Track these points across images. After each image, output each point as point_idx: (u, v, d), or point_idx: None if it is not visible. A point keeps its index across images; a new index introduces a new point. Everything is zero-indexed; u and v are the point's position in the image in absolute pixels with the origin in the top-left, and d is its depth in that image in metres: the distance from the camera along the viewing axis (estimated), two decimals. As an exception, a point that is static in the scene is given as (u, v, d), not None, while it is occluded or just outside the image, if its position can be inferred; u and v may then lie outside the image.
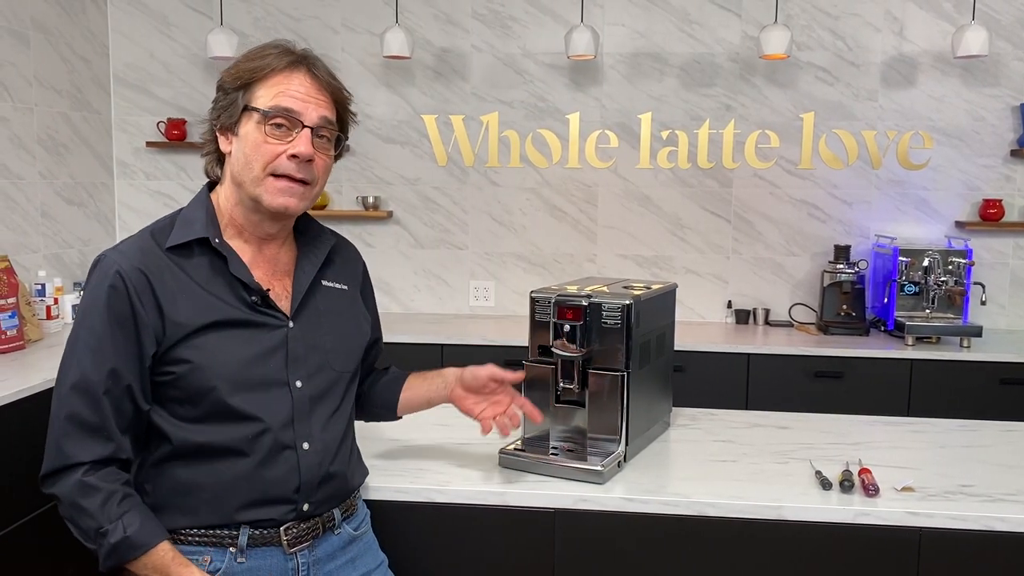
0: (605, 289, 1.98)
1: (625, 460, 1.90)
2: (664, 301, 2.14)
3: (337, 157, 1.54)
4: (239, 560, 1.42)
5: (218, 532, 1.42)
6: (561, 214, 4.14)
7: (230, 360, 1.40)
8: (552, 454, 1.89)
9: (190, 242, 1.43)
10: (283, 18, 4.11)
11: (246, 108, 1.42)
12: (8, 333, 3.09)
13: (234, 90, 1.43)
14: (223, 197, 1.48)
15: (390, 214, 4.17)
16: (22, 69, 3.58)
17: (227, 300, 1.42)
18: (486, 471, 1.86)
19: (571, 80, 4.06)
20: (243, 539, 1.42)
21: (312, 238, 1.58)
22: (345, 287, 1.61)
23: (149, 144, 4.20)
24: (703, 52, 3.98)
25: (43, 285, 3.53)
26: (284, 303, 1.48)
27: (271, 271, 1.50)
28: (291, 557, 1.45)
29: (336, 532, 1.54)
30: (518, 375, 1.76)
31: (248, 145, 1.42)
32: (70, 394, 1.38)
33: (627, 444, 1.89)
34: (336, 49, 4.07)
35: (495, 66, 4.09)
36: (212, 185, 1.53)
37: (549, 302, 1.91)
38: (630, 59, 4.02)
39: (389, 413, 1.80)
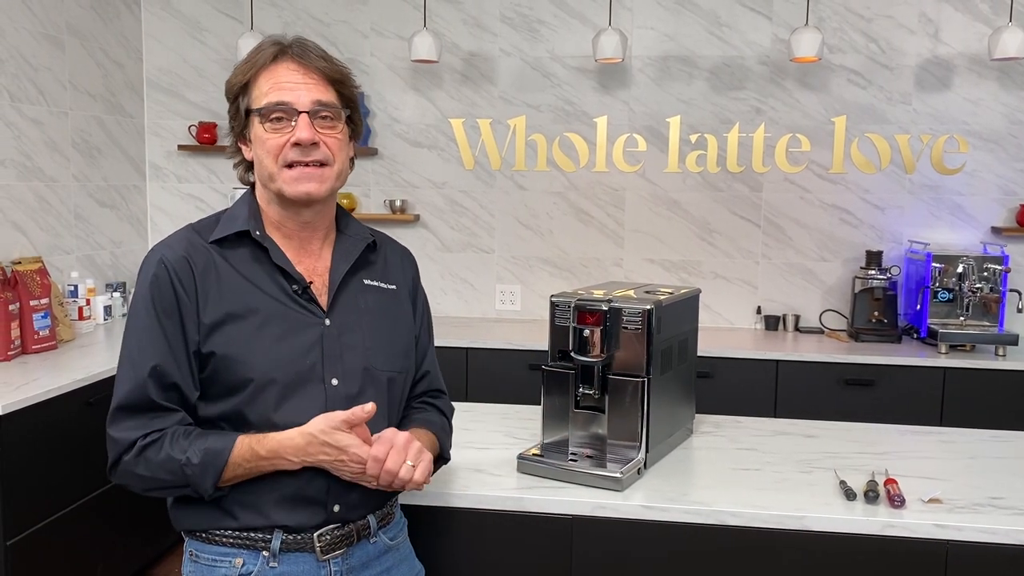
0: (631, 294, 1.97)
1: (645, 467, 1.88)
2: (687, 306, 2.11)
3: (356, 134, 1.52)
4: (271, 564, 1.41)
5: (252, 535, 1.42)
6: (588, 218, 4.12)
7: (265, 354, 1.40)
8: (571, 460, 1.87)
9: (233, 235, 1.45)
10: (312, 22, 4.14)
11: (248, 112, 1.45)
12: (41, 333, 3.14)
13: (236, 97, 1.46)
14: (259, 198, 1.50)
15: (417, 217, 4.18)
16: (57, 73, 3.64)
17: (267, 290, 1.44)
18: (504, 476, 1.85)
19: (599, 83, 4.04)
20: (276, 543, 1.41)
21: (350, 235, 1.56)
22: (392, 287, 1.59)
23: (181, 147, 4.25)
24: (733, 55, 3.94)
25: (76, 286, 3.59)
26: (323, 299, 1.48)
27: (313, 267, 1.50)
28: (324, 564, 1.44)
29: (372, 540, 1.51)
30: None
31: (258, 146, 1.44)
32: (118, 389, 1.40)
33: (647, 451, 1.87)
34: (365, 53, 4.09)
35: (523, 70, 4.08)
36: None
37: (569, 306, 1.89)
38: (659, 62, 4.00)
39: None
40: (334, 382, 1.44)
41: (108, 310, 3.79)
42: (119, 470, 1.39)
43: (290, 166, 1.42)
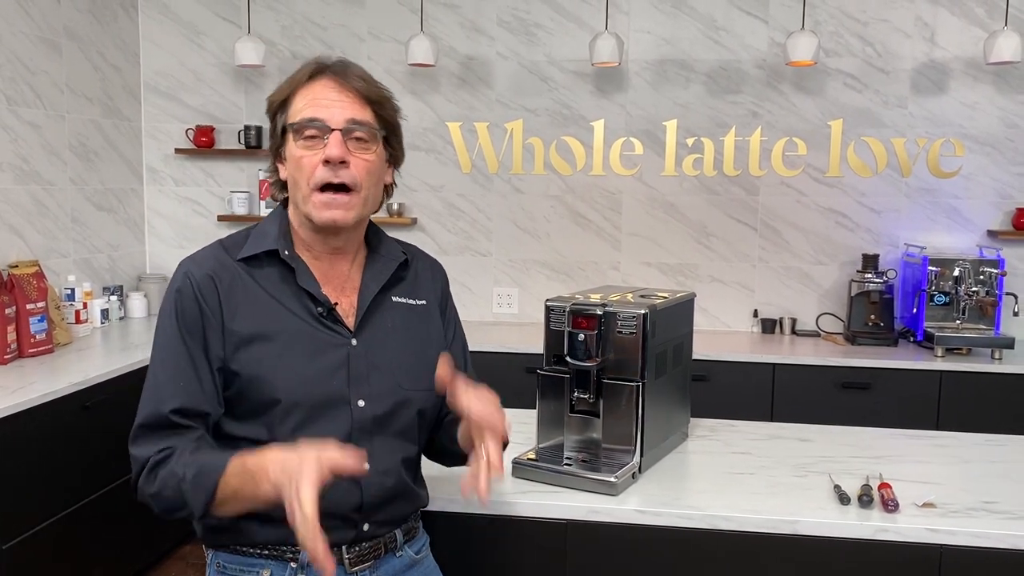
0: (626, 298, 1.97)
1: (640, 471, 1.88)
2: (682, 310, 2.11)
3: (393, 159, 1.50)
4: None
5: (280, 547, 1.41)
6: (585, 221, 4.12)
7: (291, 375, 1.39)
8: (566, 464, 1.87)
9: (261, 254, 1.44)
10: (310, 26, 4.15)
11: (284, 129, 1.43)
12: (37, 337, 3.14)
13: (275, 115, 1.45)
14: (292, 217, 1.49)
15: (414, 221, 4.19)
16: (54, 77, 3.65)
17: (294, 310, 1.42)
18: (498, 480, 1.85)
19: (596, 87, 4.05)
20: (304, 556, 1.40)
21: (382, 255, 1.54)
22: (422, 302, 1.57)
23: (178, 151, 4.25)
24: (729, 59, 3.95)
25: (73, 290, 3.59)
26: (350, 320, 1.46)
27: (340, 287, 1.48)
28: None
29: (398, 555, 1.51)
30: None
31: (292, 164, 1.42)
32: (140, 407, 1.38)
33: (642, 455, 1.87)
34: (362, 57, 4.09)
35: (520, 73, 4.09)
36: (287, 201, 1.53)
37: (564, 310, 1.89)
38: (655, 66, 4.00)
39: (451, 448, 1.57)
40: (360, 403, 1.43)
41: (105, 313, 3.80)
42: (138, 490, 1.37)
43: (321, 189, 1.39)
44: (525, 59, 4.07)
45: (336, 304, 1.46)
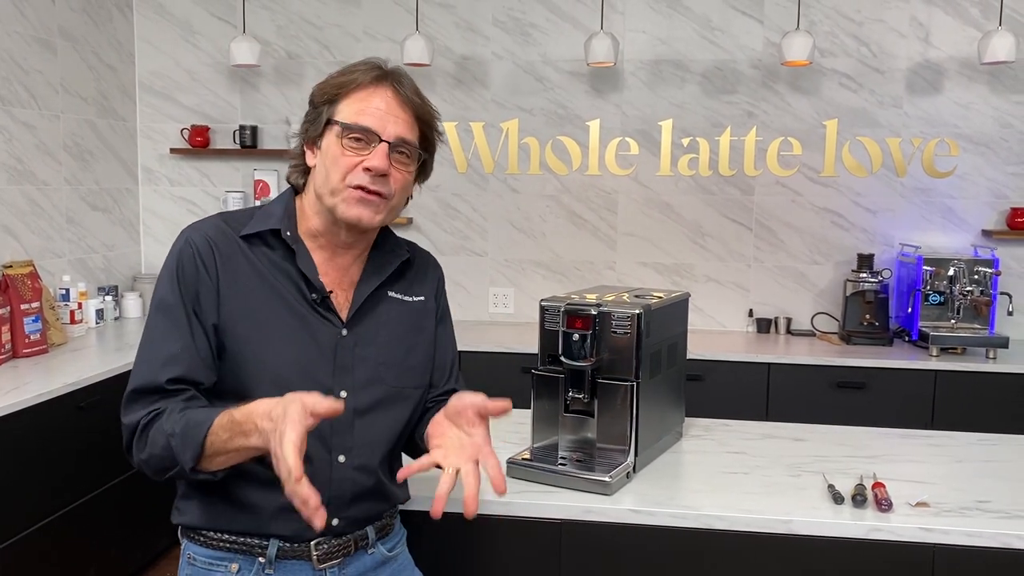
0: (623, 297, 1.97)
1: (634, 471, 1.88)
2: (676, 310, 2.11)
3: (422, 177, 1.52)
4: (267, 571, 1.42)
5: (248, 540, 1.42)
6: (581, 221, 4.12)
7: (276, 357, 1.40)
8: (560, 464, 1.87)
9: (264, 233, 1.44)
10: (306, 26, 4.15)
11: (329, 121, 1.43)
12: (32, 337, 3.14)
13: (321, 104, 1.44)
14: (307, 205, 1.48)
15: (410, 221, 4.18)
16: (49, 76, 3.64)
17: (288, 293, 1.43)
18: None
19: (591, 87, 4.05)
20: (272, 550, 1.41)
21: (386, 251, 1.55)
22: (420, 299, 1.58)
23: (173, 151, 4.25)
24: (725, 59, 3.95)
25: (67, 290, 3.58)
26: (344, 312, 1.47)
27: (338, 280, 1.48)
28: (320, 573, 1.44)
29: (370, 551, 1.51)
30: (503, 406, 1.39)
31: (328, 158, 1.42)
32: (133, 373, 1.39)
33: (636, 455, 1.88)
34: (357, 57, 4.06)
35: (515, 73, 4.09)
36: (295, 188, 1.53)
37: (559, 310, 1.90)
38: (651, 66, 4.00)
39: (420, 446, 1.56)
40: (343, 394, 1.43)
41: (100, 314, 3.79)
42: (132, 455, 1.36)
43: (354, 187, 1.40)
44: (520, 59, 4.08)
45: (331, 293, 1.46)
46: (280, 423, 1.17)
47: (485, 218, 4.18)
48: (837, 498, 1.75)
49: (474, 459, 1.33)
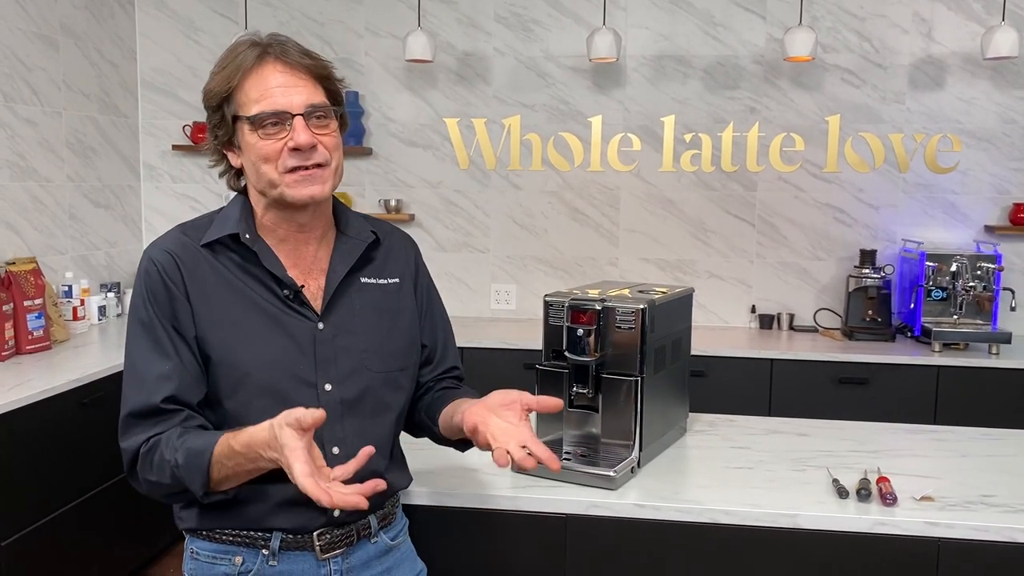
0: (624, 293, 1.97)
1: (639, 466, 1.89)
2: (680, 305, 2.12)
3: (343, 127, 1.48)
4: (271, 563, 1.42)
5: (251, 534, 1.42)
6: (583, 217, 4.12)
7: (257, 359, 1.39)
8: (565, 459, 1.87)
9: (224, 238, 1.43)
10: (307, 22, 4.14)
11: (236, 119, 1.40)
12: (35, 334, 3.14)
13: (219, 105, 1.41)
14: (254, 203, 1.47)
15: (412, 217, 4.18)
16: (51, 73, 3.64)
17: (259, 294, 1.42)
18: (499, 475, 1.85)
19: (593, 83, 4.05)
20: (275, 543, 1.42)
21: (350, 236, 1.52)
22: (395, 280, 1.55)
23: (175, 147, 4.25)
24: (727, 54, 3.95)
25: (70, 287, 3.59)
26: (318, 303, 1.45)
27: (307, 269, 1.47)
28: (323, 563, 1.44)
29: (372, 540, 1.50)
30: (556, 402, 1.42)
31: (252, 153, 1.39)
32: (124, 398, 1.39)
33: (641, 450, 1.88)
34: (359, 53, 4.09)
35: (517, 69, 4.08)
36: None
37: (563, 306, 1.90)
38: (653, 62, 4.00)
39: (431, 426, 1.59)
40: (328, 387, 1.43)
41: (103, 310, 3.79)
42: (138, 479, 1.38)
43: (291, 171, 1.38)
44: (522, 55, 4.07)
45: (303, 286, 1.44)
46: (282, 454, 1.20)
47: (487, 214, 4.17)
48: (842, 492, 1.75)
49: (522, 444, 1.35)
